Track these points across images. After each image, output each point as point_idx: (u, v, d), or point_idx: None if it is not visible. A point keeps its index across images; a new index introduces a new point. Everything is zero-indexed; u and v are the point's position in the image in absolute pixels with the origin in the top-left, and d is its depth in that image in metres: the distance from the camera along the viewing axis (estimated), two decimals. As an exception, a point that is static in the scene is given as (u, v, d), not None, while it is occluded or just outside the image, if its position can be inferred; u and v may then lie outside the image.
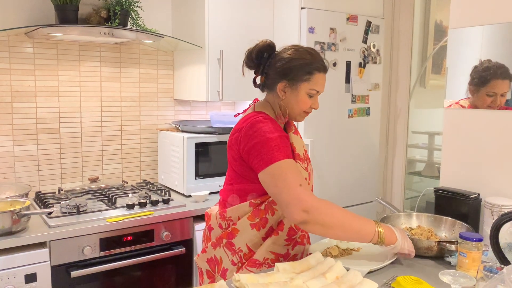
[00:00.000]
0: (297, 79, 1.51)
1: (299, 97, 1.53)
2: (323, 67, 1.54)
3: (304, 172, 1.56)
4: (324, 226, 1.38)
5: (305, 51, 1.54)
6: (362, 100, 2.92)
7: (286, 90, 1.54)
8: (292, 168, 1.41)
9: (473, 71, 1.93)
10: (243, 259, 1.55)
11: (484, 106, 1.89)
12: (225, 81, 2.61)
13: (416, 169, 3.58)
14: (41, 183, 2.51)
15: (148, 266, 2.21)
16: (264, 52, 1.55)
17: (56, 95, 2.52)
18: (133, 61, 2.75)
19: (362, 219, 1.44)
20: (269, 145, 1.42)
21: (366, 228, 1.42)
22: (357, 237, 1.43)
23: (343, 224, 1.39)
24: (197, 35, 2.61)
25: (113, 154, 2.75)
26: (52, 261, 1.94)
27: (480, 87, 1.90)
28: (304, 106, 1.55)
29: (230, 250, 1.57)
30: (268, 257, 1.54)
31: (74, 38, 2.40)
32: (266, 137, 1.43)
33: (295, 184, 1.37)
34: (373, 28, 2.90)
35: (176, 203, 2.36)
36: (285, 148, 1.44)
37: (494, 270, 1.15)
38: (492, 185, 1.86)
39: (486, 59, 1.90)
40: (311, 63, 1.52)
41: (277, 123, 1.54)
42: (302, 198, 1.35)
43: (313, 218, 1.35)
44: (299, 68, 1.51)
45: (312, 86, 1.53)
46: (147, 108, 2.84)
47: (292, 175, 1.39)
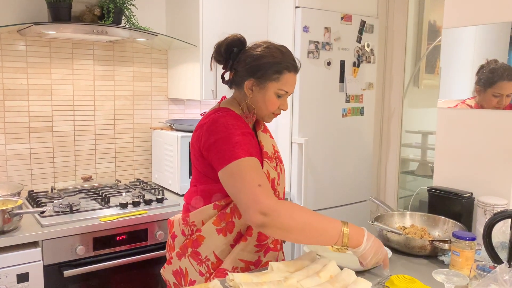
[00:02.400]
0: (265, 78, 1.42)
1: (267, 96, 1.44)
2: (294, 67, 1.45)
3: (273, 172, 1.48)
4: (283, 229, 1.27)
5: (276, 49, 1.45)
6: (356, 100, 2.92)
7: (254, 88, 1.45)
8: (252, 167, 1.31)
9: (480, 71, 1.93)
10: (211, 269, 1.45)
11: (490, 106, 1.89)
12: (219, 80, 2.59)
13: (409, 168, 3.60)
14: (33, 182, 2.49)
15: (142, 266, 2.20)
16: (234, 46, 1.46)
17: (49, 93, 2.50)
18: (127, 59, 2.74)
19: (327, 221, 1.31)
20: (229, 142, 1.34)
21: (330, 230, 1.30)
22: (319, 240, 1.32)
23: (303, 227, 1.27)
24: (191, 33, 2.60)
25: (107, 153, 2.73)
26: (45, 261, 1.93)
27: (487, 88, 1.90)
28: (271, 106, 1.46)
29: (196, 260, 1.46)
30: (237, 265, 1.44)
31: (67, 36, 2.38)
32: (227, 134, 1.35)
33: (254, 184, 1.28)
34: (367, 27, 2.91)
35: (170, 202, 2.35)
36: (247, 145, 1.35)
37: (487, 269, 1.16)
38: (485, 184, 1.87)
39: (493, 59, 1.89)
40: (281, 62, 1.43)
41: (242, 120, 1.45)
42: (259, 200, 1.25)
43: (271, 221, 1.25)
44: (268, 67, 1.42)
45: (280, 86, 1.44)
46: (141, 107, 2.83)
47: (251, 174, 1.29)
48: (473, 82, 1.95)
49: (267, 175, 1.44)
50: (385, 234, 1.67)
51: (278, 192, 1.52)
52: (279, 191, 1.53)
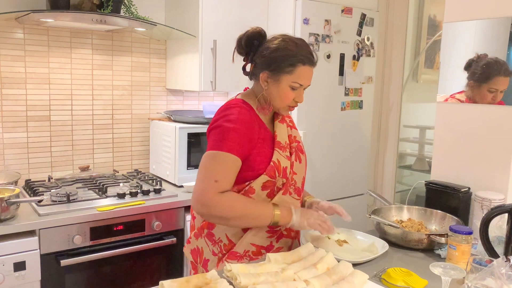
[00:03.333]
0: (279, 70, 1.46)
1: (281, 89, 1.47)
2: (308, 60, 1.47)
3: (284, 161, 1.51)
4: (223, 218, 1.42)
5: (292, 42, 1.48)
6: (355, 93, 2.92)
7: (269, 81, 1.49)
8: (221, 162, 1.40)
9: (472, 66, 1.93)
10: (223, 250, 1.53)
11: (483, 101, 1.89)
12: (218, 71, 2.59)
13: (407, 163, 3.61)
14: (30, 171, 2.49)
15: (139, 256, 2.20)
16: (254, 39, 1.50)
17: (47, 82, 2.48)
18: (125, 49, 2.72)
19: (261, 206, 1.45)
20: (221, 133, 1.43)
21: (264, 213, 1.43)
22: (256, 223, 1.47)
23: (242, 215, 1.42)
24: (190, 24, 2.58)
25: (104, 143, 2.72)
26: (42, 250, 1.93)
27: (482, 83, 1.89)
28: (286, 99, 1.49)
29: (211, 240, 1.55)
30: (249, 249, 1.51)
31: (66, 24, 2.36)
32: (222, 125, 1.44)
33: (211, 177, 1.39)
34: (367, 21, 2.90)
35: (168, 193, 2.35)
36: (234, 141, 1.41)
37: (484, 263, 1.17)
38: (482, 179, 1.88)
39: (483, 53, 1.90)
40: (295, 55, 1.45)
41: (253, 112, 1.50)
42: (204, 192, 1.39)
43: (210, 213, 1.41)
44: (281, 59, 1.45)
45: (294, 79, 1.46)
46: (139, 97, 2.82)
47: (215, 167, 1.40)
48: (465, 76, 1.96)
49: (277, 164, 1.48)
50: (382, 228, 1.67)
51: (295, 181, 1.55)
52: (295, 180, 1.55)
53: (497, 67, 1.85)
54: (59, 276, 1.99)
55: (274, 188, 1.50)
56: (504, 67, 1.83)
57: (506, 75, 1.83)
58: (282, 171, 1.49)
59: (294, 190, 1.55)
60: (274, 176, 1.48)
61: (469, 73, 1.95)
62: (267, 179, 1.47)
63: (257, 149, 1.47)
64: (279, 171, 1.49)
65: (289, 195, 1.53)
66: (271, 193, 1.50)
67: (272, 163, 1.48)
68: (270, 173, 1.47)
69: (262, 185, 1.48)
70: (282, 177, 1.50)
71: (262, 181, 1.47)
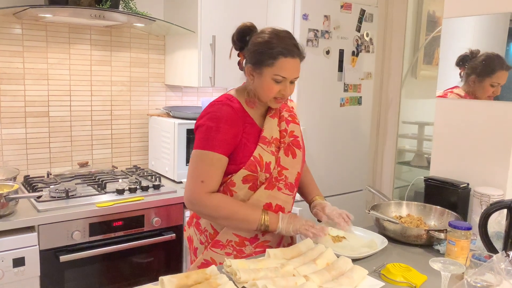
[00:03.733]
0: (261, 63, 1.46)
1: (264, 82, 1.47)
2: (288, 52, 1.44)
3: (267, 156, 1.51)
4: (210, 217, 1.52)
5: (274, 34, 1.47)
6: (354, 89, 2.92)
7: (254, 74, 1.49)
8: (206, 162, 1.46)
9: (470, 61, 1.93)
10: (209, 239, 1.58)
11: (485, 96, 1.89)
12: (218, 67, 2.59)
13: (405, 159, 3.61)
14: (29, 167, 2.48)
15: (138, 252, 2.20)
16: (245, 34, 1.52)
17: (45, 78, 2.47)
18: (124, 44, 2.71)
19: (249, 210, 1.48)
20: (205, 132, 1.47)
21: (251, 219, 1.47)
22: (243, 227, 1.50)
23: (227, 217, 1.47)
24: (189, 19, 2.57)
25: (103, 139, 2.72)
26: (41, 245, 1.92)
27: (485, 77, 1.89)
28: (269, 92, 1.48)
29: (198, 229, 1.62)
30: (231, 239, 1.54)
31: (64, 19, 2.35)
32: (205, 123, 1.47)
33: (198, 177, 1.46)
34: (366, 16, 2.89)
35: (167, 189, 2.34)
36: (218, 139, 1.44)
37: (483, 259, 1.17)
38: (481, 175, 1.88)
39: (476, 49, 1.91)
40: (276, 47, 1.44)
41: (238, 108, 1.50)
42: (192, 192, 1.47)
43: (198, 211, 1.51)
44: (262, 53, 1.45)
45: (276, 72, 1.45)
46: (138, 93, 2.81)
47: (201, 167, 1.46)
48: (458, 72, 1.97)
49: (258, 159, 1.49)
50: (381, 223, 1.68)
51: (285, 177, 1.54)
52: (286, 176, 1.55)
53: (499, 62, 1.85)
54: (59, 272, 1.99)
55: (256, 182, 1.51)
56: (503, 61, 1.84)
57: (506, 69, 1.83)
58: (264, 166, 1.50)
59: (284, 185, 1.55)
60: (255, 171, 1.49)
61: (467, 68, 1.95)
62: (247, 173, 1.49)
63: (241, 144, 1.49)
64: (261, 165, 1.49)
65: (277, 190, 1.54)
66: (253, 186, 1.52)
67: (253, 158, 1.49)
68: (251, 167, 1.49)
69: (243, 178, 1.50)
70: (265, 172, 1.50)
71: (242, 175, 1.49)
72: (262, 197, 1.52)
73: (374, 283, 1.28)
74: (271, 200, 1.53)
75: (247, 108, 1.54)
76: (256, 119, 1.56)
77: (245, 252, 1.55)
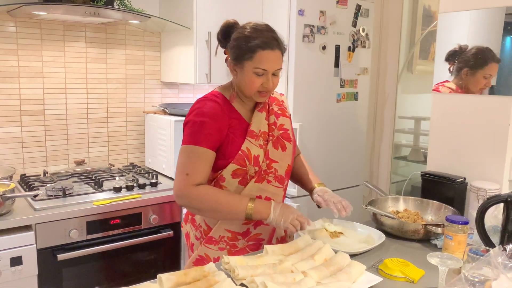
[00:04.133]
0: (240, 58, 1.47)
1: (245, 76, 1.48)
2: (266, 44, 1.45)
3: (255, 149, 1.53)
4: (196, 210, 1.53)
5: (252, 28, 1.48)
6: (350, 85, 2.91)
7: (236, 69, 1.51)
8: (190, 155, 1.47)
9: (461, 56, 1.94)
10: (203, 235, 1.61)
11: (477, 88, 1.91)
12: (214, 64, 2.58)
13: (402, 153, 3.62)
14: (25, 166, 2.47)
15: (136, 249, 2.20)
16: (229, 31, 1.53)
17: (40, 76, 2.46)
18: (119, 42, 2.70)
19: (234, 200, 1.48)
20: (191, 128, 1.49)
21: (236, 208, 1.46)
22: (229, 217, 1.52)
23: (213, 208, 1.47)
24: (185, 16, 2.56)
25: (99, 136, 2.71)
26: (38, 244, 1.92)
27: (478, 69, 1.91)
28: (252, 85, 1.49)
29: (194, 226, 1.65)
30: (224, 235, 1.57)
31: (59, 17, 2.33)
32: (191, 119, 1.49)
33: (183, 171, 1.47)
34: (362, 11, 2.89)
35: (164, 186, 2.34)
36: (202, 133, 1.46)
37: (480, 253, 1.17)
38: (478, 169, 1.89)
39: (464, 44, 1.93)
40: (253, 40, 1.45)
41: (224, 104, 1.52)
42: (178, 186, 1.47)
43: (184, 204, 1.51)
44: (241, 46, 1.47)
45: (255, 65, 1.45)
46: (134, 90, 2.80)
47: (186, 161, 1.47)
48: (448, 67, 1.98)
49: (247, 152, 1.51)
50: (378, 218, 1.68)
51: (275, 170, 1.56)
52: (275, 168, 1.56)
53: (490, 54, 1.86)
54: (56, 271, 1.99)
55: (246, 176, 1.53)
56: (494, 54, 1.86)
57: (497, 61, 1.85)
58: (253, 159, 1.52)
59: (274, 178, 1.57)
60: (244, 165, 1.51)
61: (458, 62, 1.96)
62: (236, 167, 1.51)
63: (229, 139, 1.51)
64: (249, 159, 1.51)
65: (267, 183, 1.55)
66: (243, 181, 1.54)
67: (241, 152, 1.51)
68: (239, 161, 1.51)
69: (232, 173, 1.52)
70: (254, 165, 1.52)
71: (232, 169, 1.51)
72: (252, 190, 1.54)
73: (372, 278, 1.28)
74: (260, 193, 1.55)
75: (235, 104, 1.56)
76: (244, 114, 1.58)
77: (238, 246, 1.58)
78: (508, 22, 1.80)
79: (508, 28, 1.80)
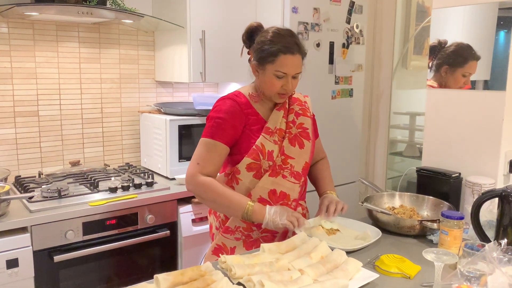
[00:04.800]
0: (263, 60, 1.56)
1: (267, 78, 1.57)
2: (287, 49, 1.53)
3: (269, 145, 1.60)
4: (201, 198, 1.59)
5: (276, 33, 1.57)
6: (345, 81, 2.92)
7: (258, 70, 1.60)
8: (204, 146, 1.57)
9: (439, 52, 1.95)
10: (222, 225, 1.70)
11: (457, 86, 1.93)
12: (208, 62, 2.57)
13: (397, 149, 3.63)
14: (20, 167, 2.46)
15: (133, 249, 2.20)
16: (253, 33, 1.63)
17: (34, 76, 2.45)
18: (113, 41, 2.69)
19: (235, 199, 1.54)
20: (209, 123, 1.60)
21: (235, 206, 1.53)
22: (227, 212, 1.63)
23: (213, 200, 1.56)
24: (178, 14, 2.55)
25: (94, 137, 2.70)
26: (34, 246, 1.91)
27: (457, 68, 1.93)
28: (272, 87, 1.58)
29: (215, 216, 1.74)
30: (239, 225, 1.64)
31: (51, 17, 2.32)
32: (211, 115, 1.60)
33: (195, 160, 1.57)
34: (356, 8, 2.89)
35: (160, 186, 2.34)
36: (218, 128, 1.56)
37: (475, 248, 1.18)
38: (473, 164, 1.89)
39: (443, 39, 1.95)
40: (275, 45, 1.53)
41: (243, 103, 1.61)
42: (189, 172, 1.57)
43: (192, 190, 1.58)
44: (264, 50, 1.55)
45: (277, 68, 1.54)
46: (128, 90, 2.79)
47: (200, 152, 1.58)
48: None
49: (261, 148, 1.59)
50: (374, 215, 1.69)
51: (291, 165, 1.62)
52: (291, 164, 1.62)
53: (470, 52, 1.87)
54: (53, 272, 1.98)
55: (260, 170, 1.61)
56: (473, 51, 1.86)
57: (476, 59, 1.86)
58: (267, 154, 1.60)
59: (290, 173, 1.63)
60: (258, 159, 1.59)
61: (438, 58, 1.97)
62: (250, 161, 1.59)
63: (245, 135, 1.60)
64: (263, 154, 1.59)
65: (282, 178, 1.62)
66: (258, 174, 1.61)
67: (255, 147, 1.59)
68: (253, 155, 1.59)
69: (247, 166, 1.60)
70: (268, 160, 1.60)
71: (246, 163, 1.60)
72: (266, 184, 1.61)
73: (368, 275, 1.28)
74: (275, 187, 1.61)
75: (253, 103, 1.64)
76: (263, 112, 1.65)
77: (252, 236, 1.65)
78: (501, 17, 1.80)
79: (501, 23, 1.80)
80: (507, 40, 1.79)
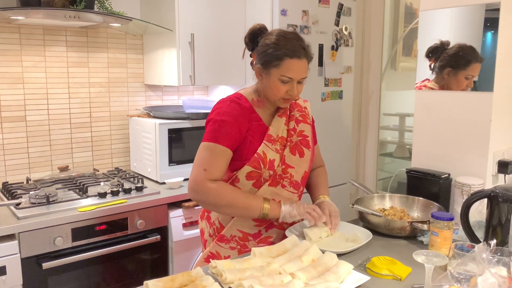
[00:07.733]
0: (268, 64, 1.50)
1: (271, 82, 1.52)
2: (293, 53, 1.48)
3: (271, 153, 1.55)
4: (212, 205, 1.52)
5: (281, 36, 1.51)
6: (335, 84, 2.92)
7: (262, 74, 1.54)
8: (208, 151, 1.49)
9: (442, 53, 1.95)
10: (216, 233, 1.64)
11: (459, 88, 1.91)
12: (197, 65, 2.56)
13: (387, 150, 3.65)
14: (7, 173, 2.43)
15: (123, 255, 2.18)
16: (256, 35, 1.56)
17: (21, 81, 2.42)
18: (101, 45, 2.67)
19: (250, 198, 1.50)
20: (211, 125, 1.52)
21: (252, 206, 1.49)
22: (245, 213, 1.53)
23: (230, 204, 1.49)
24: (167, 17, 2.54)
25: (83, 141, 2.67)
26: (22, 253, 1.88)
27: (460, 70, 1.91)
28: (277, 92, 1.52)
29: (209, 223, 1.68)
30: (235, 234, 1.59)
31: (38, 21, 2.29)
32: (212, 118, 1.53)
33: (200, 166, 1.48)
34: (345, 10, 2.90)
35: (150, 191, 2.32)
36: (222, 132, 1.49)
37: (465, 248, 1.18)
38: (462, 165, 1.90)
39: (446, 40, 1.93)
40: (281, 48, 1.48)
41: (245, 107, 1.55)
42: (196, 180, 1.48)
43: (200, 199, 1.50)
44: (269, 54, 1.49)
45: (282, 72, 1.49)
46: (117, 94, 2.77)
47: (204, 157, 1.49)
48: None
49: (262, 156, 1.54)
50: (365, 217, 1.69)
51: (290, 175, 1.58)
52: (291, 174, 1.59)
53: (473, 54, 1.87)
54: (42, 280, 1.95)
55: (260, 179, 1.55)
56: (476, 53, 1.86)
57: (480, 61, 1.86)
58: (268, 163, 1.54)
59: (289, 183, 1.59)
60: (258, 167, 1.53)
61: (440, 60, 1.96)
62: (250, 169, 1.53)
63: (247, 141, 1.54)
64: (265, 163, 1.53)
65: (281, 187, 1.57)
66: (257, 183, 1.56)
67: (256, 155, 1.53)
68: (254, 164, 1.53)
69: (246, 174, 1.54)
70: (268, 169, 1.54)
71: (246, 171, 1.54)
72: (265, 193, 1.55)
73: (359, 277, 1.28)
74: (274, 197, 1.57)
75: (256, 107, 1.58)
76: (265, 118, 1.60)
77: (248, 246, 1.60)
78: (488, 18, 1.82)
79: (487, 24, 1.82)
80: (494, 41, 1.81)
